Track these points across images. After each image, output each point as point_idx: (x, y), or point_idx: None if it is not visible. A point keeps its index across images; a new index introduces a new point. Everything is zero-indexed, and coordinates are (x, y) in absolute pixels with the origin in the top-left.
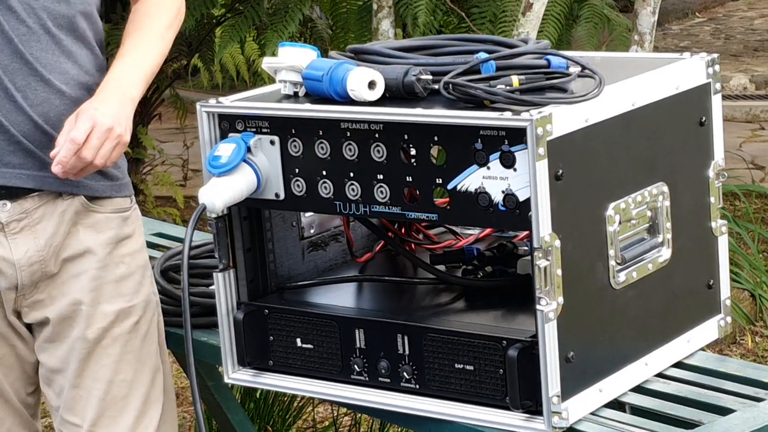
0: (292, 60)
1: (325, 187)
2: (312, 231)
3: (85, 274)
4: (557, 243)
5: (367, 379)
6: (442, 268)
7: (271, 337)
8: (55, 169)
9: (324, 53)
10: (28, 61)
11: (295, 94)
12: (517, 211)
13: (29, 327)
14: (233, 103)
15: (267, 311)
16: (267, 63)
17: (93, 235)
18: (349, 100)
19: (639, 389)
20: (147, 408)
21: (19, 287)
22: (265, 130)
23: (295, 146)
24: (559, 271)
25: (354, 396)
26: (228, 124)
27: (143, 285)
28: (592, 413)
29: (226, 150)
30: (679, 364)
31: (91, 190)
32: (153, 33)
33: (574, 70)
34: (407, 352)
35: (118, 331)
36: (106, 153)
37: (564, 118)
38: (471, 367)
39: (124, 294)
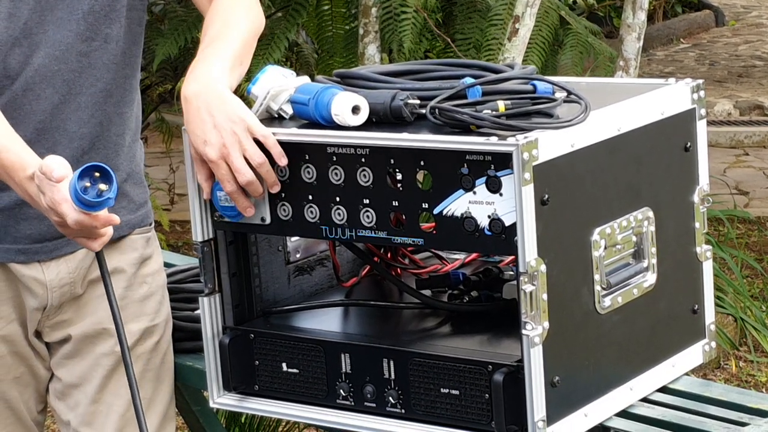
0: (269, 88)
1: (311, 212)
2: (298, 255)
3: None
4: (543, 268)
5: (352, 403)
6: (427, 292)
7: (257, 362)
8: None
9: (310, 78)
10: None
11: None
12: (503, 236)
13: (47, 345)
14: None
15: (252, 336)
16: (266, 112)
17: (119, 256)
18: (334, 125)
19: (624, 414)
20: (164, 425)
21: (47, 308)
22: None
23: (281, 171)
24: (545, 296)
25: (339, 420)
26: None
27: (163, 305)
28: None
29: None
30: (663, 389)
31: (131, 226)
32: (233, 31)
33: (560, 95)
34: (393, 376)
35: (141, 350)
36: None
37: (550, 143)
38: (457, 392)
39: (147, 313)
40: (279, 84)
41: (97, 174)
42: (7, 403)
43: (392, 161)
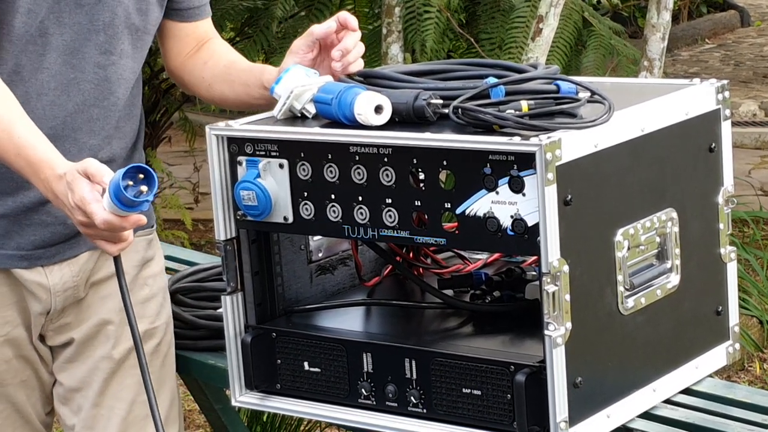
0: (293, 87)
1: (334, 211)
2: (320, 255)
3: (113, 295)
4: (566, 268)
5: (374, 403)
6: (449, 292)
7: (279, 361)
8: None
9: (333, 77)
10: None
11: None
12: (526, 236)
13: (50, 349)
14: (243, 126)
15: (275, 335)
16: (289, 111)
17: (122, 257)
18: (357, 124)
19: (647, 415)
20: (166, 429)
21: (51, 312)
22: (274, 154)
23: (303, 170)
24: (568, 297)
25: (361, 420)
26: (237, 147)
27: (164, 307)
28: None
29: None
30: (687, 391)
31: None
32: None
33: (584, 95)
34: (415, 376)
35: None
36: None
37: (573, 144)
38: (479, 392)
39: (148, 315)
40: (302, 83)
41: (141, 176)
42: (14, 406)
43: (415, 161)
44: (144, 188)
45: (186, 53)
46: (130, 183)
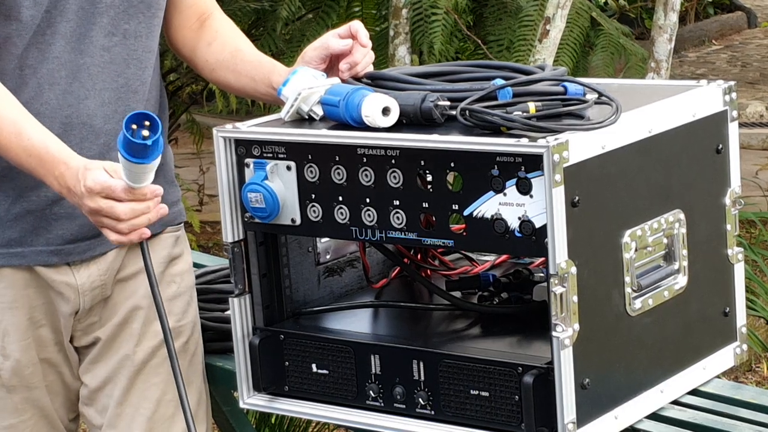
0: (300, 89)
1: (341, 213)
2: (328, 256)
3: (138, 293)
4: (573, 270)
5: (382, 404)
6: (457, 294)
7: (287, 363)
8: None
9: (341, 79)
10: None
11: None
12: (534, 238)
13: (76, 350)
14: (250, 128)
15: (282, 336)
16: (296, 113)
17: (150, 253)
18: (365, 126)
19: (654, 416)
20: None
21: (79, 312)
22: (281, 156)
23: (311, 172)
24: (575, 298)
25: (369, 422)
26: (244, 149)
27: (191, 305)
28: None
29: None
30: (694, 392)
31: (162, 224)
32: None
33: (591, 96)
34: (423, 378)
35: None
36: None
37: (581, 145)
38: (486, 394)
39: (175, 313)
40: (310, 85)
41: (147, 122)
42: (42, 411)
43: (422, 162)
44: (146, 132)
45: (188, 26)
46: (135, 127)
